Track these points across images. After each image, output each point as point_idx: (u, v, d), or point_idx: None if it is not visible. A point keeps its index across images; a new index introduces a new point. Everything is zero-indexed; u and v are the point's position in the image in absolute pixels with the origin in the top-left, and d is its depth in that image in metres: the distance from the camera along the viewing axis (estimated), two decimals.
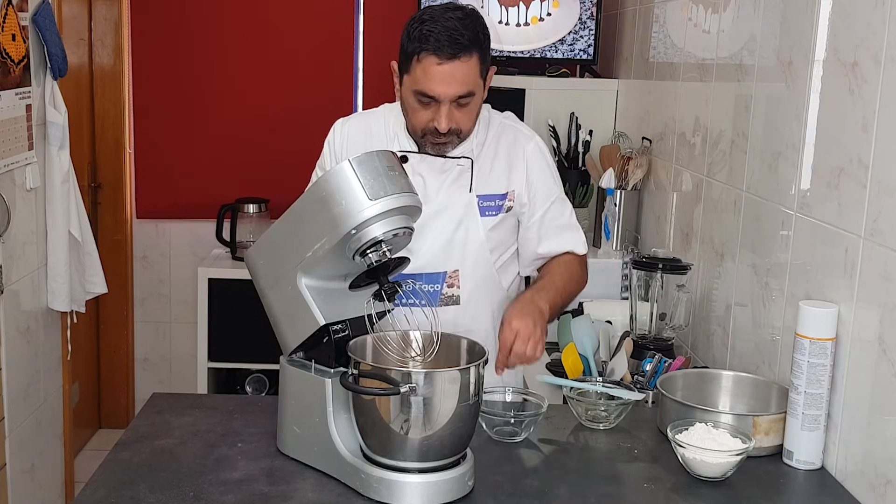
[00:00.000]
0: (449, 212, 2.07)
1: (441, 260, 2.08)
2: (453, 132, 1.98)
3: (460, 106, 1.95)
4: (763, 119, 2.18)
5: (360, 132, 2.14)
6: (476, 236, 2.10)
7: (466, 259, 2.10)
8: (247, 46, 4.33)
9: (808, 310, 1.77)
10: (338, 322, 1.71)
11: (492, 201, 2.10)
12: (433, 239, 2.06)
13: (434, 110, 1.95)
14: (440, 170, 2.08)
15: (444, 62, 1.90)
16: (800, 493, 1.74)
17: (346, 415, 1.67)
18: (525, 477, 1.71)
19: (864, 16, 1.72)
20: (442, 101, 1.93)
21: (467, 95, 1.95)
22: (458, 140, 2.02)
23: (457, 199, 2.08)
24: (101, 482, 1.64)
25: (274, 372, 3.89)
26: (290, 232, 1.73)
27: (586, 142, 3.39)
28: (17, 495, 2.98)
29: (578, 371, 2.12)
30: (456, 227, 2.08)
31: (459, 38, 1.90)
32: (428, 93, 1.93)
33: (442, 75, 1.91)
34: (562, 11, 3.56)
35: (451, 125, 1.96)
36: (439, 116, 1.94)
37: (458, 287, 2.10)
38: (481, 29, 1.96)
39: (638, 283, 2.44)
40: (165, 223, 4.47)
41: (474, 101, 1.98)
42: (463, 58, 1.91)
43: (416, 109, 1.97)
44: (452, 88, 1.92)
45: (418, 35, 1.93)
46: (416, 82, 1.94)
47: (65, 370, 3.36)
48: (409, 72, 1.96)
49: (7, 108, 2.79)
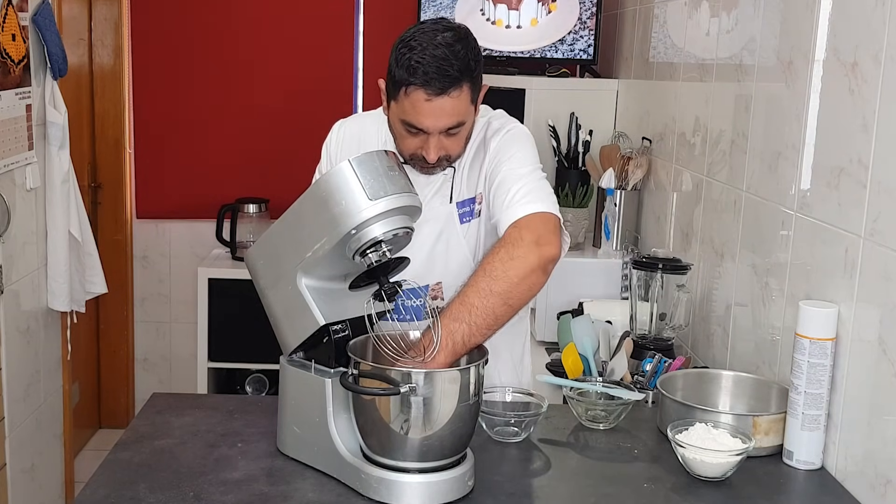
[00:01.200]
0: (429, 225, 1.99)
1: (423, 273, 1.98)
2: (442, 159, 1.90)
3: (449, 135, 1.87)
4: (763, 119, 2.18)
5: (354, 136, 2.10)
6: (458, 246, 2.02)
7: (449, 270, 2.03)
8: (247, 46, 4.33)
9: (808, 310, 1.77)
10: (338, 322, 1.71)
11: (467, 206, 2.02)
12: (413, 253, 1.83)
13: (422, 140, 1.86)
14: (424, 182, 1.98)
15: (433, 98, 1.80)
16: (800, 493, 1.74)
17: (346, 415, 1.67)
18: (525, 477, 1.72)
19: (864, 16, 1.72)
20: (430, 134, 1.85)
21: (457, 126, 1.86)
22: (448, 164, 1.94)
23: (437, 211, 2.00)
24: (101, 482, 1.64)
25: (274, 372, 3.89)
26: (290, 232, 1.73)
27: (586, 142, 3.39)
28: (17, 495, 2.98)
29: (578, 371, 2.12)
30: (436, 240, 2.01)
31: (448, 70, 1.78)
32: (416, 125, 1.84)
33: (431, 110, 1.81)
34: (562, 12, 3.56)
35: (440, 154, 1.87)
36: (428, 147, 1.86)
37: (442, 298, 2.04)
38: (472, 54, 1.84)
39: (638, 283, 2.44)
40: (165, 223, 4.47)
41: (464, 129, 1.89)
42: (453, 93, 1.80)
43: (404, 136, 1.89)
44: (441, 122, 1.83)
45: (406, 65, 1.79)
46: (405, 113, 1.84)
47: (65, 370, 3.36)
48: (396, 100, 1.85)
49: (7, 108, 2.79)
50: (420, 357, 1.67)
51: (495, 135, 1.98)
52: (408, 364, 1.65)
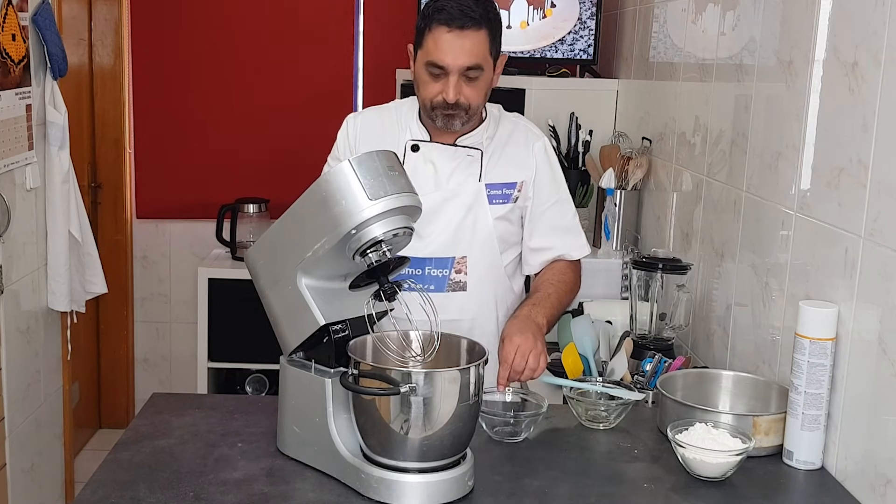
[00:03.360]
0: (459, 198, 2.13)
1: (450, 245, 2.13)
2: (461, 106, 2.04)
3: (469, 80, 2.03)
4: (763, 119, 2.18)
5: (374, 123, 2.21)
6: (485, 224, 2.15)
7: (474, 246, 2.15)
8: (247, 46, 4.33)
9: (808, 310, 1.77)
10: (338, 322, 1.71)
11: (499, 190, 2.16)
12: (444, 224, 2.13)
13: (443, 82, 2.02)
14: (451, 157, 2.14)
15: (454, 31, 1.99)
16: (800, 493, 1.74)
17: (346, 415, 1.67)
18: (525, 477, 1.71)
19: (864, 16, 1.72)
20: (451, 72, 2.00)
21: (475, 68, 2.01)
22: (466, 116, 2.07)
23: (467, 186, 2.14)
24: (101, 482, 1.64)
25: (274, 372, 3.89)
26: (290, 232, 1.73)
27: (586, 142, 3.39)
28: (17, 495, 2.97)
29: (578, 371, 2.12)
30: (465, 214, 2.14)
31: (470, 13, 1.99)
32: (437, 62, 2.00)
33: (451, 45, 1.99)
34: (561, 11, 3.56)
35: (458, 97, 2.02)
36: (447, 87, 2.02)
37: (465, 273, 2.16)
38: (493, 11, 2.06)
39: (638, 283, 2.44)
40: (165, 223, 4.47)
41: (483, 78, 2.05)
42: (472, 29, 1.99)
43: (427, 82, 2.05)
44: (461, 59, 2.00)
45: (432, 9, 2.03)
46: (428, 53, 2.02)
47: (65, 370, 3.36)
48: (421, 46, 2.05)
49: (7, 108, 2.79)
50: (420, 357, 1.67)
51: (539, 139, 2.22)
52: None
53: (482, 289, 2.17)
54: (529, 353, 1.95)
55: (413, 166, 2.12)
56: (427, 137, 2.15)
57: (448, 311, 2.06)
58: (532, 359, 1.95)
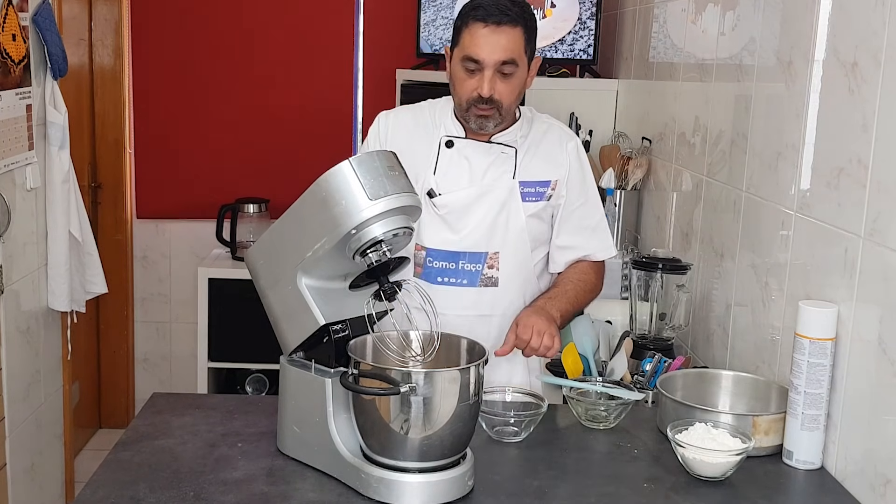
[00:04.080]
0: (494, 194, 2.16)
1: (484, 241, 2.16)
2: (495, 103, 2.07)
3: (503, 76, 2.06)
4: (763, 119, 2.18)
5: (407, 120, 2.25)
6: (517, 220, 2.17)
7: (507, 242, 2.17)
8: (247, 47, 4.33)
9: (808, 310, 1.77)
10: (338, 322, 1.71)
11: (532, 188, 2.18)
12: (479, 219, 2.15)
13: (479, 78, 2.05)
14: (485, 153, 2.17)
15: (490, 26, 2.03)
16: (800, 493, 1.74)
17: (346, 415, 1.67)
18: (525, 477, 1.72)
19: (864, 16, 1.72)
20: (486, 66, 2.04)
21: (510, 63, 2.04)
22: (500, 117, 2.10)
23: (501, 182, 2.16)
24: (101, 482, 1.64)
25: (274, 372, 3.89)
26: (290, 232, 1.73)
27: (586, 142, 3.39)
28: (17, 495, 2.98)
29: (578, 371, 2.12)
30: (500, 210, 2.16)
31: (507, 11, 2.04)
32: (473, 56, 2.04)
33: (486, 39, 2.03)
34: (561, 11, 3.56)
35: (492, 92, 2.05)
36: (482, 82, 2.05)
37: (497, 269, 2.17)
38: (529, 12, 2.10)
39: (638, 283, 2.44)
40: (165, 223, 4.47)
41: (517, 76, 2.08)
42: (508, 26, 2.03)
43: (462, 79, 2.08)
44: (496, 54, 2.03)
45: (469, 7, 2.07)
46: (464, 49, 2.06)
47: (65, 370, 3.36)
48: (458, 43, 2.09)
49: (7, 108, 2.79)
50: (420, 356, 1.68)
51: (571, 139, 2.25)
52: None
53: (513, 285, 2.19)
54: (544, 333, 2.01)
55: (447, 162, 2.16)
56: (462, 134, 2.18)
57: (479, 307, 2.15)
58: (547, 338, 2.01)
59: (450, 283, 2.15)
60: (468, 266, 2.16)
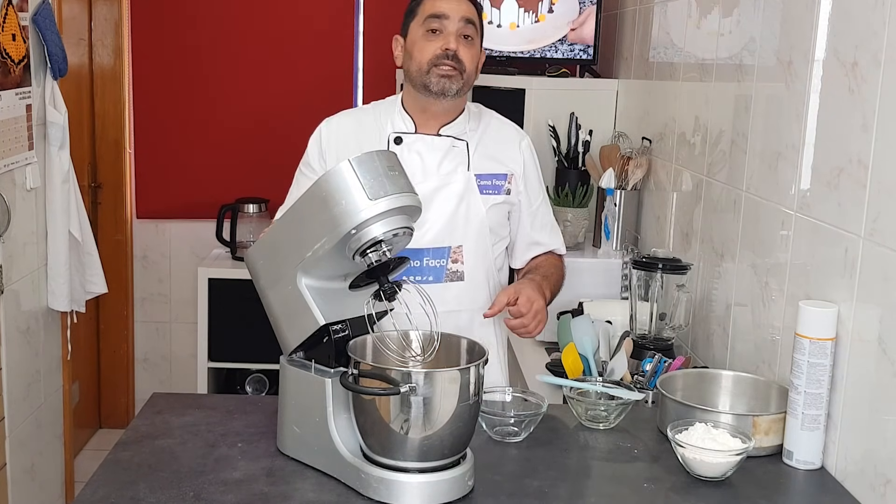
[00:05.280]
0: (450, 187, 2.16)
1: (446, 234, 2.16)
2: (460, 64, 2.09)
3: (465, 39, 2.10)
4: (763, 119, 2.18)
5: (348, 126, 2.22)
6: (478, 213, 2.18)
7: (469, 235, 2.18)
8: (247, 46, 4.33)
9: (808, 310, 1.77)
10: (338, 322, 1.71)
11: (489, 181, 2.20)
12: (438, 213, 2.15)
13: (443, 37, 2.08)
14: (436, 147, 2.17)
15: None
16: (800, 493, 1.74)
17: (346, 415, 1.67)
18: (525, 477, 1.71)
19: (864, 16, 1.72)
20: (451, 20, 2.08)
21: (471, 24, 2.10)
22: (462, 80, 2.11)
23: (456, 176, 2.17)
24: (101, 482, 1.64)
25: (274, 372, 3.89)
26: (289, 232, 1.73)
27: (586, 142, 3.39)
28: (17, 495, 2.98)
29: (578, 371, 2.12)
30: (458, 203, 2.16)
31: None
32: (437, 12, 2.08)
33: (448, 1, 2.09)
34: (561, 11, 3.55)
35: (458, 48, 2.08)
36: (448, 38, 2.08)
37: (461, 262, 2.18)
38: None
39: (638, 283, 2.44)
40: (165, 223, 4.47)
41: (475, 45, 2.13)
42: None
43: (424, 45, 2.10)
44: (462, 10, 2.09)
45: None
46: (424, 12, 2.10)
47: (65, 370, 3.36)
48: (414, 17, 2.13)
49: (7, 108, 2.79)
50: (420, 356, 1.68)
51: (524, 137, 2.29)
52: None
53: (478, 279, 2.21)
54: (540, 316, 2.07)
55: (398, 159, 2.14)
56: (412, 129, 2.17)
57: (447, 303, 2.11)
58: (540, 324, 2.07)
59: (415, 281, 2.03)
60: (432, 262, 2.16)
